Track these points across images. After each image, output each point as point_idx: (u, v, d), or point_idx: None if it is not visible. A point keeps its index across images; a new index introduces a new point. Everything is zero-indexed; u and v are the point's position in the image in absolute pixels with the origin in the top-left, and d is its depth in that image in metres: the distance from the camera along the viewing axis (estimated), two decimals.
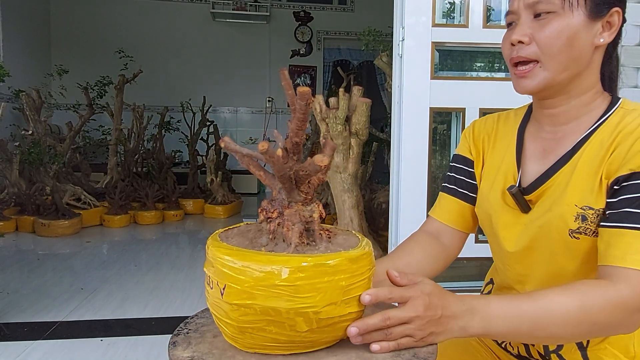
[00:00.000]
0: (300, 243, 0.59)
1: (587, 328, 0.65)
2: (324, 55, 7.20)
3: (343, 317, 0.57)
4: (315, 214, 0.61)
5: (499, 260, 0.86)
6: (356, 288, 0.57)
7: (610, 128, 0.73)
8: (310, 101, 0.54)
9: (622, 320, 0.64)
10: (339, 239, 0.64)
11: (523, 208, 0.79)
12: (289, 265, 0.54)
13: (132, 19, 6.64)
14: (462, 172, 0.93)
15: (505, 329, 0.64)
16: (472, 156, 0.92)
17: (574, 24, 0.71)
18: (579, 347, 0.77)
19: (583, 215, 0.71)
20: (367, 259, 0.59)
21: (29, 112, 3.96)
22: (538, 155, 0.81)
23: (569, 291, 0.65)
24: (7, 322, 2.12)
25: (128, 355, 1.85)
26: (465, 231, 0.94)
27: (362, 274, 0.58)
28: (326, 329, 0.57)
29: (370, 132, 2.71)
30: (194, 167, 5.33)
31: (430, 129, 2.02)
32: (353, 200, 2.32)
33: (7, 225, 3.84)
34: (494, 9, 2.12)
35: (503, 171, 0.84)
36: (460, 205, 0.92)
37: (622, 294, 0.63)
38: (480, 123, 0.94)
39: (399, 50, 2.03)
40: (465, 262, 2.17)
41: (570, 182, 0.73)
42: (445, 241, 0.92)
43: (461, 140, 0.96)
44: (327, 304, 0.55)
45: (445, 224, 0.93)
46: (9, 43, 5.25)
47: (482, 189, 0.88)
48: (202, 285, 2.51)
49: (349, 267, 0.56)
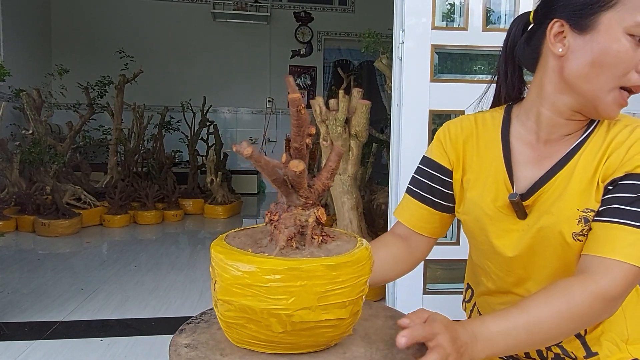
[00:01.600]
0: (287, 246, 0.60)
1: (578, 324, 0.68)
2: (324, 55, 7.21)
3: (320, 323, 0.57)
4: (311, 218, 0.61)
5: (496, 268, 0.85)
6: (335, 295, 0.57)
7: (602, 134, 0.76)
8: (300, 107, 0.55)
9: (603, 309, 0.68)
10: (332, 244, 0.63)
11: (520, 214, 0.80)
12: (264, 267, 0.55)
13: (133, 19, 6.65)
14: (434, 179, 0.89)
15: (504, 346, 0.66)
16: (450, 164, 0.88)
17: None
18: (577, 336, 0.80)
19: (585, 218, 0.73)
20: (351, 267, 0.58)
21: (29, 111, 3.96)
22: (531, 160, 0.81)
23: (553, 293, 0.67)
24: (7, 321, 2.13)
25: (128, 355, 1.86)
26: (433, 237, 0.93)
27: (344, 282, 0.57)
28: (303, 333, 0.57)
29: (370, 133, 2.72)
30: (194, 167, 5.34)
31: (430, 131, 2.02)
32: (352, 201, 2.33)
33: (7, 225, 3.85)
34: (494, 12, 2.13)
35: (493, 177, 0.83)
36: (429, 212, 0.90)
37: (600, 285, 0.66)
38: (455, 126, 0.89)
39: (398, 53, 2.04)
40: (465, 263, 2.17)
41: (569, 186, 0.75)
42: (413, 245, 0.92)
43: (434, 144, 0.91)
44: (300, 308, 0.55)
45: (411, 229, 0.91)
46: (10, 42, 5.26)
47: (471, 197, 0.85)
48: (202, 285, 2.52)
49: (327, 274, 0.56)
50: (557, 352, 0.81)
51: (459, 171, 0.88)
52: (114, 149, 4.96)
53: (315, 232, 0.62)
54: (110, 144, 4.97)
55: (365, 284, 0.61)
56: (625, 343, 0.79)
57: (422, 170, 0.92)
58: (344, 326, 0.60)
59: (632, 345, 0.79)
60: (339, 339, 0.63)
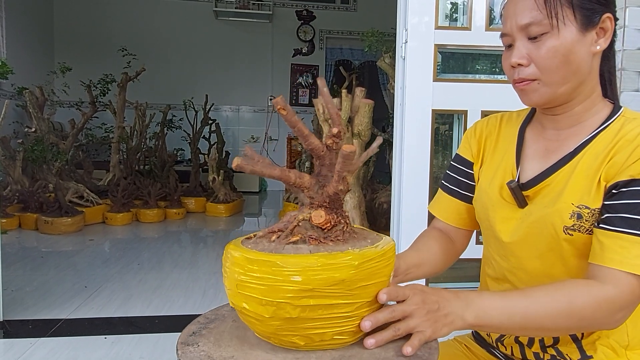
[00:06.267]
0: (275, 240, 0.63)
1: (574, 323, 0.69)
2: (326, 54, 7.21)
3: (239, 308, 0.61)
4: (301, 215, 0.63)
5: (494, 252, 0.89)
6: (249, 288, 0.58)
7: (611, 134, 0.76)
8: (279, 108, 0.57)
9: (606, 316, 0.69)
10: (328, 247, 0.63)
11: (520, 203, 0.82)
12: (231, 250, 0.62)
13: (135, 17, 6.65)
14: (460, 172, 0.96)
15: (497, 321, 0.68)
16: (472, 157, 0.94)
17: (568, 41, 0.73)
18: (573, 340, 0.80)
19: (579, 214, 0.74)
20: (264, 262, 0.58)
21: (32, 109, 3.98)
22: (540, 154, 0.84)
23: (558, 288, 0.70)
24: (11, 319, 2.14)
25: (132, 353, 1.87)
26: (468, 229, 0.98)
27: (256, 275, 0.58)
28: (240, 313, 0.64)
29: (372, 132, 2.73)
30: (196, 166, 5.35)
31: (433, 131, 2.03)
32: (355, 200, 2.34)
33: (10, 223, 3.87)
34: (497, 12, 2.13)
35: (502, 167, 0.87)
36: (458, 204, 0.96)
37: (608, 293, 0.68)
38: (482, 124, 0.96)
39: (401, 52, 2.05)
40: (466, 262, 2.18)
41: (569, 181, 0.76)
42: (454, 238, 0.98)
43: (463, 141, 0.98)
44: (228, 288, 0.62)
45: (448, 224, 0.97)
46: (13, 40, 5.27)
47: (480, 184, 0.91)
48: (205, 283, 2.52)
49: (244, 265, 0.59)
50: (552, 354, 0.82)
51: (478, 163, 0.94)
52: (116, 147, 4.97)
53: (307, 233, 0.62)
54: (113, 142, 4.98)
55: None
56: (624, 349, 0.79)
57: (451, 165, 0.98)
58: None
59: (632, 351, 0.79)
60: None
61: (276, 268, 0.57)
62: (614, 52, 0.83)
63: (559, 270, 0.78)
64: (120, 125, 4.95)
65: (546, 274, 0.80)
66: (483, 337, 0.95)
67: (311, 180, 0.63)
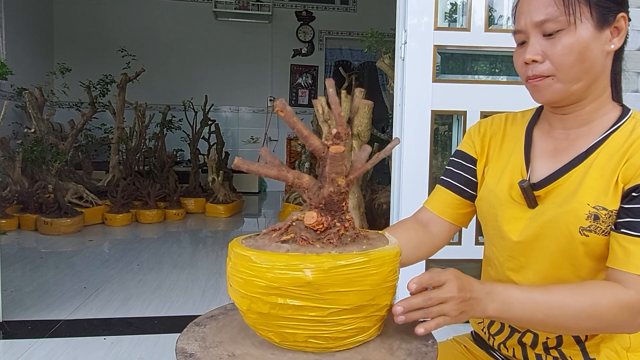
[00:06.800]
0: (271, 238, 0.65)
1: (595, 324, 0.70)
2: (325, 55, 7.22)
3: (232, 299, 0.64)
4: (294, 216, 0.64)
5: (498, 253, 0.88)
6: (234, 280, 0.62)
7: (624, 135, 0.76)
8: (277, 111, 0.57)
9: (626, 320, 0.69)
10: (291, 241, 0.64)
11: (530, 203, 0.81)
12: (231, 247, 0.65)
13: (135, 18, 6.65)
14: (461, 167, 0.94)
15: (518, 315, 0.70)
16: (476, 154, 0.93)
17: (583, 38, 0.73)
18: (577, 342, 0.80)
19: (595, 215, 0.73)
20: (242, 257, 0.60)
21: (31, 110, 3.97)
22: (549, 153, 0.83)
23: (582, 288, 0.71)
24: (10, 320, 2.14)
25: (131, 354, 1.87)
26: (456, 224, 0.95)
27: (238, 269, 0.61)
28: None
29: (372, 132, 2.73)
30: (196, 166, 5.35)
31: (432, 131, 2.03)
32: (354, 201, 2.34)
33: (9, 223, 3.87)
34: (496, 12, 2.14)
35: (511, 167, 0.86)
36: (454, 198, 0.94)
37: (631, 297, 0.68)
38: (486, 123, 0.95)
39: (401, 53, 2.05)
40: (466, 263, 2.18)
41: (583, 182, 0.76)
42: (434, 230, 0.94)
43: (465, 138, 0.97)
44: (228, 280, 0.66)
45: (436, 215, 0.94)
46: (12, 41, 5.27)
47: (487, 183, 0.89)
48: (204, 284, 2.51)
49: (233, 259, 0.62)
50: (555, 356, 0.82)
51: (482, 161, 0.93)
52: (115, 148, 4.97)
53: (300, 233, 0.62)
54: (112, 142, 4.98)
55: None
56: (626, 351, 0.79)
57: (451, 161, 0.97)
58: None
59: (634, 353, 0.79)
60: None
61: (251, 263, 0.59)
62: (623, 56, 0.83)
63: (567, 271, 0.78)
64: (119, 126, 4.94)
65: (553, 274, 0.79)
66: (483, 338, 0.95)
67: (310, 181, 0.63)
